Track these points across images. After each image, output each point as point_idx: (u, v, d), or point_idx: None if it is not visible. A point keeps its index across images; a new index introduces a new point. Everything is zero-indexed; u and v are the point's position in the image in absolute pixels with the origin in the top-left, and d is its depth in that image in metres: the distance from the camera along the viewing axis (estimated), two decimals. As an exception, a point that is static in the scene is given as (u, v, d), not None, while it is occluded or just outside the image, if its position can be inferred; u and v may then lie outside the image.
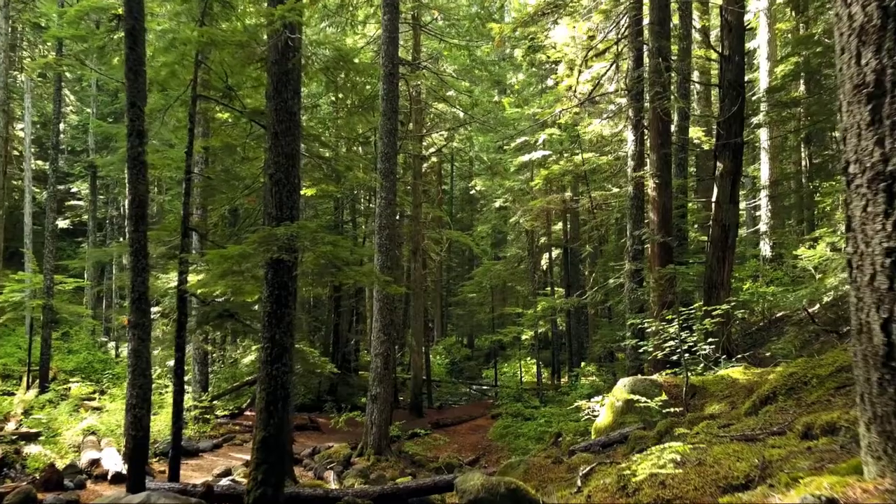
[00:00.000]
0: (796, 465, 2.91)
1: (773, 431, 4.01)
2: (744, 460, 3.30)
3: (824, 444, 3.25)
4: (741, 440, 3.93)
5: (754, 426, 4.46)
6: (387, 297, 13.99)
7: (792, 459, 3.05)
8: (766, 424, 4.44)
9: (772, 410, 5.02)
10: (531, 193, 24.42)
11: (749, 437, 3.94)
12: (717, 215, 12.08)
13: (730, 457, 3.45)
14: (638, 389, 8.30)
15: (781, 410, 4.90)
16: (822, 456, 2.99)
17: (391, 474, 13.27)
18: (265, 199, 6.97)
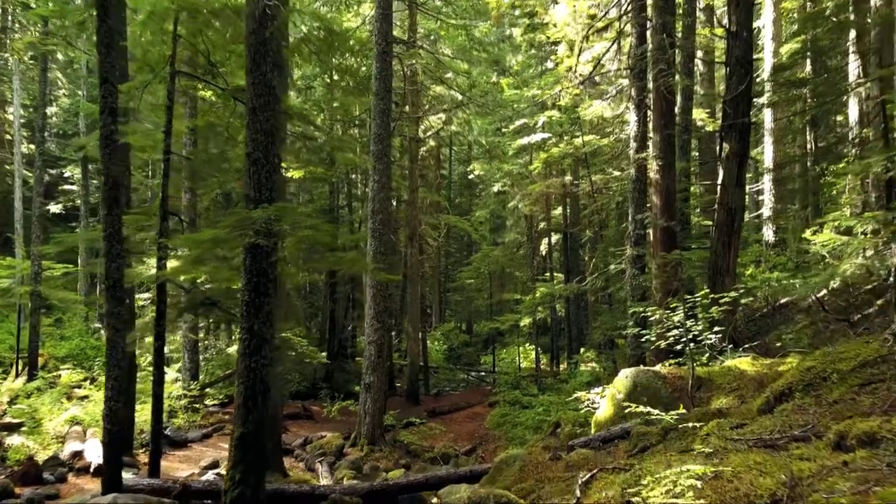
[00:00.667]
0: (834, 485, 2.49)
1: (796, 437, 3.60)
2: (768, 475, 2.89)
3: (863, 458, 2.82)
4: (760, 446, 3.51)
5: (772, 428, 4.04)
6: (381, 284, 13.57)
7: (827, 477, 2.63)
8: (785, 427, 4.02)
9: (789, 409, 4.60)
10: (530, 177, 23.91)
11: (769, 443, 3.53)
12: (722, 198, 11.61)
13: (751, 469, 3.04)
14: (640, 381, 7.89)
15: (800, 410, 4.47)
16: (864, 476, 2.58)
17: (385, 465, 12.93)
18: (244, 181, 6.52)
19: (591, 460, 6.47)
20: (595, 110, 18.70)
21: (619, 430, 7.21)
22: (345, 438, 14.32)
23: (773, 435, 3.85)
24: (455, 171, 41.24)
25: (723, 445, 3.54)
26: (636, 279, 12.09)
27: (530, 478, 6.39)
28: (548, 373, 23.53)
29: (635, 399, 7.76)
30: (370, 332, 13.57)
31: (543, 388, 19.07)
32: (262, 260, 6.30)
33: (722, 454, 3.47)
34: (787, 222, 22.48)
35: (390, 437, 14.47)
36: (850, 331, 8.77)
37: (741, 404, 6.42)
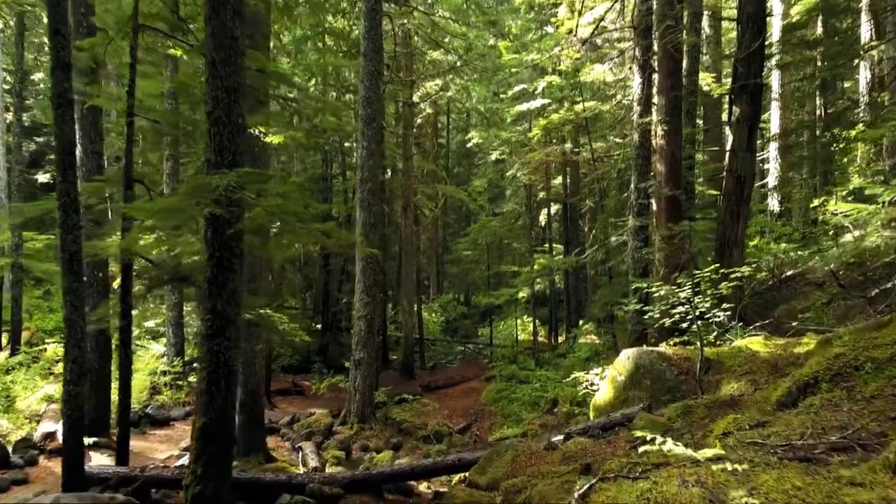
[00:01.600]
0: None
1: (835, 445, 3.00)
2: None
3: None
4: (793, 458, 2.92)
5: (802, 430, 3.44)
6: (371, 257, 12.95)
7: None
8: (817, 428, 3.42)
9: (817, 405, 4.00)
10: (529, 145, 23.12)
11: (804, 455, 2.93)
12: (731, 165, 10.92)
13: (789, 497, 2.45)
14: (643, 362, 7.31)
15: (831, 406, 3.87)
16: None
17: (375, 444, 12.45)
18: (206, 143, 5.83)
19: (589, 451, 5.91)
20: (596, 74, 17.86)
21: (619, 417, 6.65)
22: (334, 416, 13.83)
23: (804, 440, 3.25)
24: (453, 140, 40.33)
25: (748, 457, 2.94)
26: (638, 252, 11.46)
27: (522, 471, 5.84)
28: (546, 345, 23.04)
29: (638, 382, 7.20)
30: (360, 307, 12.99)
31: (541, 362, 18.57)
32: (224, 232, 5.65)
33: (748, 471, 2.87)
34: (794, 192, 21.79)
35: (382, 414, 13.99)
36: (868, 307, 8.17)
37: (755, 391, 5.83)
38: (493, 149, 25.03)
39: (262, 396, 10.28)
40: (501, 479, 5.87)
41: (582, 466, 5.36)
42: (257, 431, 10.18)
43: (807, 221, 21.24)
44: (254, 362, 10.08)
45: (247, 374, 10.07)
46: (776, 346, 7.06)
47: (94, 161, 10.79)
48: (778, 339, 7.56)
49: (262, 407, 10.27)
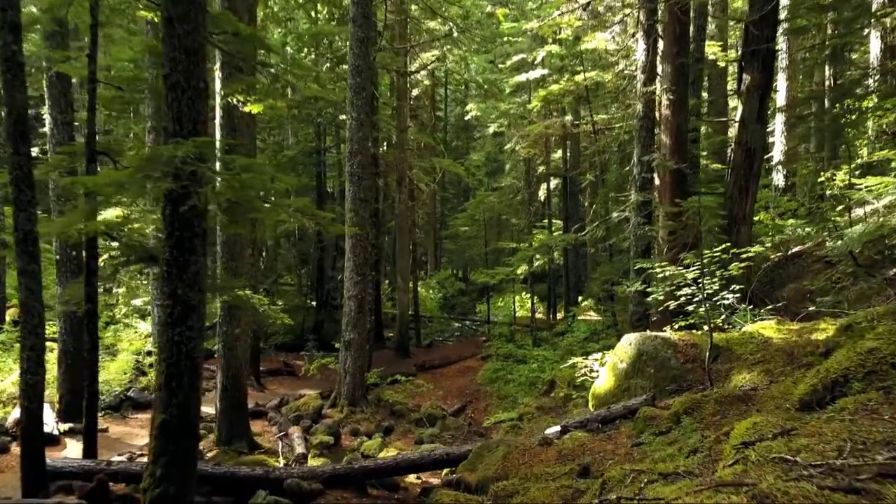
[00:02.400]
0: None
1: (886, 469, 2.48)
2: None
3: None
4: (834, 487, 2.39)
5: (839, 444, 2.91)
6: (362, 233, 12.38)
7: None
8: (856, 442, 2.89)
9: (850, 409, 3.48)
10: (528, 118, 22.40)
11: (847, 484, 2.40)
12: (740, 137, 10.31)
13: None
14: (647, 349, 6.79)
15: (868, 412, 3.35)
16: None
17: (366, 428, 12.01)
18: (164, 110, 5.23)
19: (587, 448, 5.41)
20: (598, 43, 17.10)
21: (621, 409, 6.15)
22: (325, 398, 13.39)
23: (844, 459, 2.72)
24: (452, 113, 39.53)
25: (779, 486, 2.41)
26: (641, 228, 10.89)
27: (515, 470, 5.34)
28: (544, 323, 22.59)
29: (640, 370, 6.69)
30: (350, 286, 12.46)
31: (539, 341, 18.11)
32: (185, 210, 5.09)
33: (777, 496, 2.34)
34: (801, 166, 21.15)
35: (373, 395, 13.55)
36: (888, 289, 7.63)
37: (770, 384, 5.31)
38: (492, 121, 24.29)
39: (244, 381, 9.80)
40: (492, 479, 5.38)
41: (580, 468, 4.87)
42: (240, 418, 9.72)
43: (813, 196, 20.65)
44: (235, 346, 9.58)
45: (228, 357, 9.59)
46: (790, 331, 6.54)
47: (65, 132, 10.19)
48: (791, 323, 7.03)
49: (244, 392, 9.80)
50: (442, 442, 11.83)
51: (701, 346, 6.66)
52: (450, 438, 12.09)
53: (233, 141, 9.36)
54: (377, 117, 19.33)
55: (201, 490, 6.73)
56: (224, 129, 9.37)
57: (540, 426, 11.35)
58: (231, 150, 9.38)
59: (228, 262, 9.47)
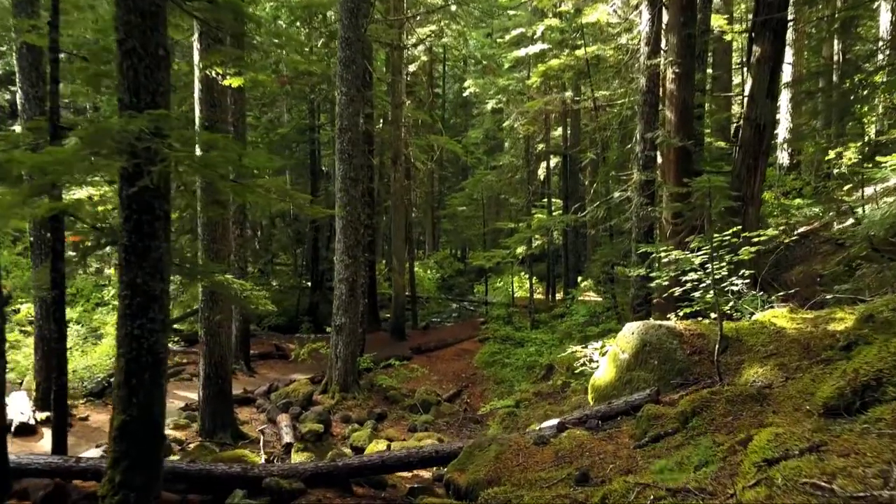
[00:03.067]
0: None
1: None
2: None
3: None
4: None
5: (879, 465, 2.48)
6: (352, 213, 11.90)
7: None
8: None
9: (888, 418, 3.04)
10: (528, 94, 21.78)
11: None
12: (749, 112, 9.79)
13: None
14: (650, 339, 6.35)
15: (911, 425, 2.90)
16: None
17: (357, 414, 11.65)
18: (119, 81, 4.72)
19: (586, 449, 4.99)
20: (600, 15, 16.46)
21: (622, 405, 5.72)
22: (316, 383, 13.01)
23: (891, 489, 2.28)
24: (450, 90, 38.83)
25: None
26: (643, 209, 10.41)
27: (508, 473, 4.93)
28: (543, 304, 22.20)
29: (643, 362, 6.25)
30: (340, 269, 12.01)
31: (537, 323, 17.72)
32: (146, 191, 4.61)
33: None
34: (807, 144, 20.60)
35: (366, 381, 13.16)
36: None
37: (787, 380, 4.88)
38: (490, 97, 23.65)
39: (229, 368, 9.39)
40: (483, 482, 4.97)
41: (578, 474, 4.45)
42: (224, 407, 9.32)
43: (820, 175, 20.15)
44: (218, 331, 9.15)
45: (211, 344, 9.16)
46: (804, 320, 6.09)
47: (37, 108, 9.63)
48: (804, 311, 6.59)
49: (229, 380, 9.39)
50: (436, 429, 11.48)
51: (708, 337, 6.22)
52: (444, 426, 11.74)
53: (213, 117, 8.85)
54: (371, 93, 18.75)
55: (177, 487, 6.35)
56: (203, 104, 8.84)
57: (537, 414, 10.99)
58: (211, 127, 8.88)
59: (210, 245, 9.00)
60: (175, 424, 9.40)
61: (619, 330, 13.75)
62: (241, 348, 14.06)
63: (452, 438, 10.78)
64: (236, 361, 13.97)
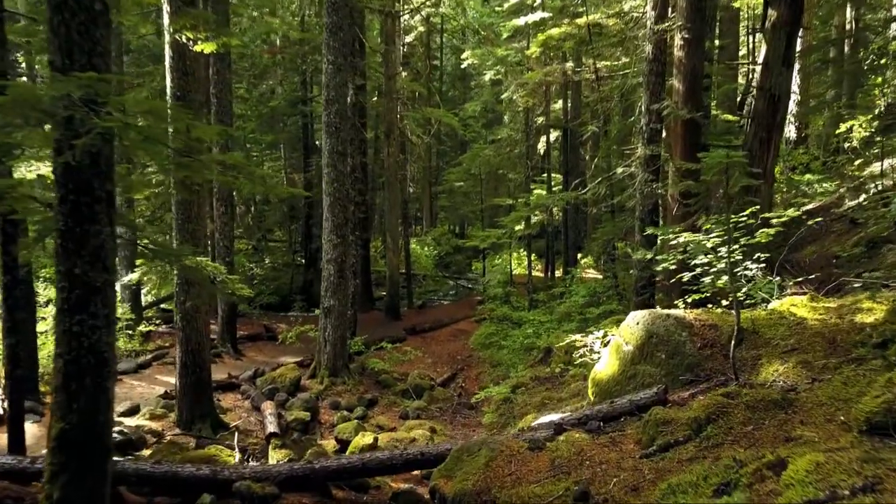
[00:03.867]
0: None
1: None
2: None
3: None
4: None
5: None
6: (340, 190, 11.28)
7: None
8: None
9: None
10: (527, 64, 20.98)
11: None
12: (763, 81, 9.13)
13: None
14: (657, 330, 5.79)
15: None
16: None
17: (347, 400, 11.16)
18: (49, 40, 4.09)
19: (586, 457, 4.46)
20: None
21: (626, 404, 5.18)
22: (305, 366, 12.53)
23: None
24: (449, 62, 37.91)
25: None
26: (648, 186, 9.78)
27: (498, 483, 4.40)
28: (541, 282, 21.66)
29: (649, 355, 5.70)
30: (328, 249, 11.43)
31: (535, 302, 17.19)
32: (85, 168, 4.01)
33: None
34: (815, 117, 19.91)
35: (357, 364, 12.67)
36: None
37: (813, 382, 4.32)
38: (488, 68, 22.82)
39: (207, 356, 8.86)
40: (471, 493, 4.45)
41: (577, 490, 3.92)
42: (202, 396, 8.81)
43: (829, 149, 19.49)
44: (195, 317, 8.60)
45: (187, 331, 8.62)
46: (827, 310, 5.53)
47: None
48: (827, 299, 6.02)
49: (207, 368, 8.86)
50: (428, 416, 11.01)
51: (721, 328, 5.67)
52: (437, 412, 11.27)
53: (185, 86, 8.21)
54: (364, 63, 17.99)
55: (142, 491, 5.86)
56: (175, 72, 8.18)
57: (535, 401, 10.50)
58: (183, 97, 8.23)
59: (184, 225, 8.41)
60: (151, 414, 8.91)
61: (621, 312, 13.27)
62: (228, 330, 13.54)
63: (445, 426, 10.31)
64: (222, 344, 13.48)
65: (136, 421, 8.73)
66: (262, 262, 24.16)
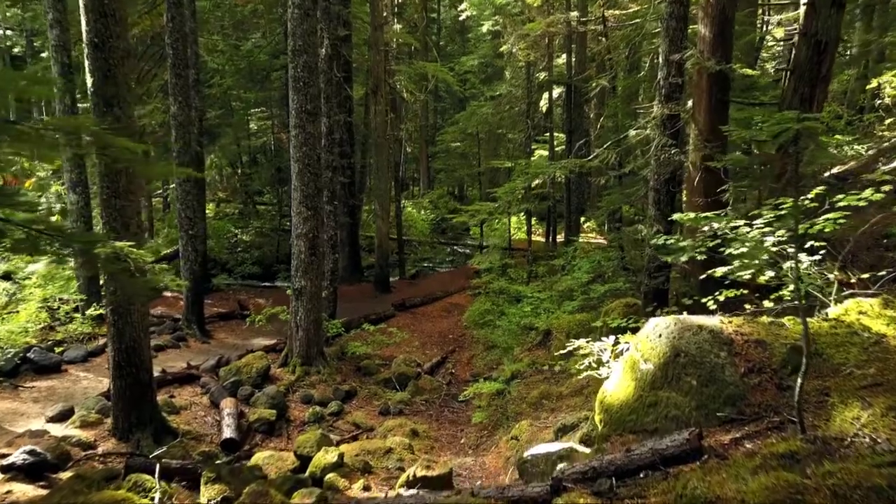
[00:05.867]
0: None
1: None
2: None
3: None
4: None
5: None
6: (310, 156, 9.84)
7: None
8: None
9: None
10: (528, 14, 19.23)
11: None
12: (808, 25, 7.61)
13: None
14: (686, 347, 4.46)
15: None
16: None
17: (321, 393, 9.94)
18: None
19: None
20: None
21: (647, 454, 3.89)
22: (278, 351, 11.31)
23: None
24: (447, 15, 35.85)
25: None
26: (666, 151, 8.31)
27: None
28: (542, 249, 20.32)
29: (675, 378, 4.41)
30: (298, 223, 10.04)
31: (535, 275, 15.88)
32: None
33: None
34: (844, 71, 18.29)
35: (336, 349, 11.43)
36: None
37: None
38: (486, 18, 21.03)
39: (146, 353, 7.55)
40: None
41: None
42: (142, 399, 7.56)
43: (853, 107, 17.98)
44: (129, 309, 7.28)
45: (119, 326, 7.31)
46: (912, 322, 4.18)
47: None
48: (906, 305, 4.65)
49: (146, 367, 7.58)
50: (412, 411, 9.81)
51: (771, 347, 4.33)
52: (423, 406, 10.08)
53: (105, 31, 6.72)
54: (349, 12, 16.30)
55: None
56: (91, 13, 6.70)
57: (532, 397, 9.23)
58: (102, 45, 6.77)
59: (111, 201, 7.02)
60: (83, 421, 7.67)
61: (628, 291, 11.95)
62: (193, 310, 12.26)
63: (430, 426, 9.11)
64: (188, 325, 12.23)
65: (64, 429, 7.50)
66: (247, 228, 22.78)
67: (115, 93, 7.01)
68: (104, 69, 6.89)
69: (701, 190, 7.89)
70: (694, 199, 8.05)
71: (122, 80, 7.05)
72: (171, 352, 11.44)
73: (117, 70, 6.96)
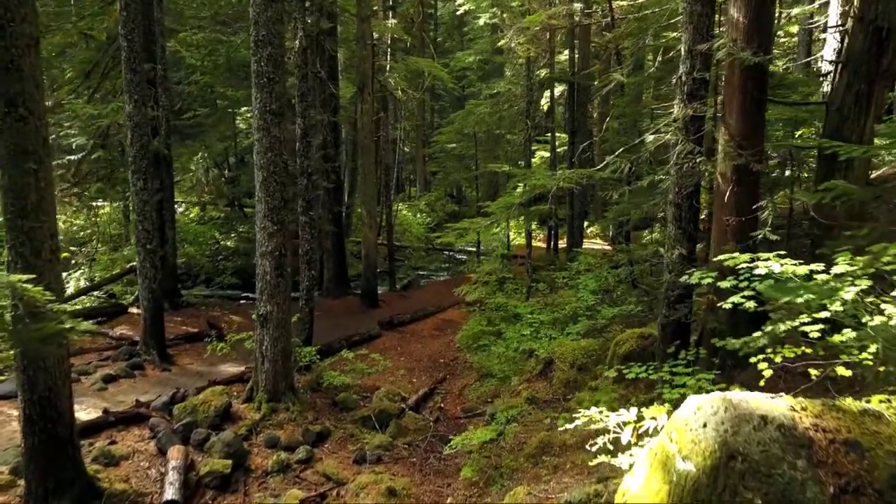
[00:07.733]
0: None
1: None
2: None
3: None
4: None
5: None
6: (275, 162, 8.56)
7: None
8: None
9: None
10: (527, 6, 17.94)
11: None
12: (865, 9, 6.31)
13: None
14: (745, 448, 3.16)
15: None
16: None
17: (288, 435, 8.62)
18: None
19: None
20: None
21: None
22: (245, 381, 10.02)
23: None
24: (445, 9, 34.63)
25: None
26: (689, 159, 7.01)
27: None
28: (543, 259, 19.02)
29: (730, 493, 3.16)
30: (262, 239, 8.75)
31: (535, 290, 14.58)
32: None
33: None
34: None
35: (309, 379, 10.16)
36: None
37: None
38: (483, 10, 19.72)
39: (64, 403, 6.27)
40: None
41: None
42: (62, 457, 6.28)
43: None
44: (42, 357, 6.00)
45: (30, 372, 6.02)
46: None
47: None
48: None
49: (65, 420, 6.30)
50: (394, 458, 8.51)
51: (871, 453, 3.04)
52: (405, 451, 8.76)
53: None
54: (332, 2, 15.02)
55: None
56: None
57: (530, 445, 7.92)
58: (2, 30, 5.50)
59: (16, 221, 5.74)
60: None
61: (640, 315, 10.67)
62: (152, 333, 10.96)
63: (412, 480, 7.81)
64: (146, 350, 10.96)
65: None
66: (231, 234, 21.51)
67: (21, 89, 5.73)
68: (5, 60, 5.61)
69: (732, 206, 6.60)
70: (723, 218, 6.77)
71: (29, 74, 5.77)
72: (124, 382, 10.15)
73: (22, 61, 5.69)
